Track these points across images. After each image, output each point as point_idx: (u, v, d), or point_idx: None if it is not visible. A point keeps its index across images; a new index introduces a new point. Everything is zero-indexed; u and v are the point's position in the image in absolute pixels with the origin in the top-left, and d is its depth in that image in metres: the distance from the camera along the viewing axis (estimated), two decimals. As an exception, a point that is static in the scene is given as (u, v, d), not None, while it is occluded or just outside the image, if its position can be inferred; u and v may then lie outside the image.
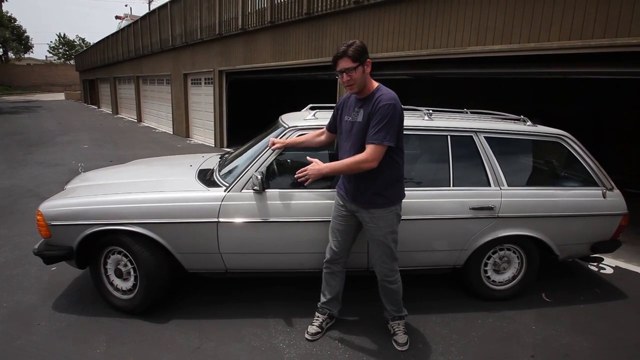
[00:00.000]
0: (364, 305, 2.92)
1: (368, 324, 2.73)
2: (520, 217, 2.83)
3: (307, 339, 2.55)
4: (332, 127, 2.53)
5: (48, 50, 57.14)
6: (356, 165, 2.20)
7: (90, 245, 2.68)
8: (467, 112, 3.46)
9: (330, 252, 2.52)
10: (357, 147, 2.26)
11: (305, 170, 2.28)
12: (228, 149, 9.58)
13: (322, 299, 2.63)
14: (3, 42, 45.12)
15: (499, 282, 3.04)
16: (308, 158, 2.35)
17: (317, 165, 2.28)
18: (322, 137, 2.62)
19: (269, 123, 3.43)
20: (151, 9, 14.80)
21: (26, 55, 52.68)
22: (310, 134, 2.68)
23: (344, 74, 2.18)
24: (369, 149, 2.17)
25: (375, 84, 2.28)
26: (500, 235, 2.83)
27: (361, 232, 2.53)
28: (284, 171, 2.92)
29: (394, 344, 2.52)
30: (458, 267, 2.93)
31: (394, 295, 2.50)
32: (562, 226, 2.92)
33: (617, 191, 3.04)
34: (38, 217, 2.65)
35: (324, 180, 2.78)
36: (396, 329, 2.56)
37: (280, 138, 2.72)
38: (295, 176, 2.32)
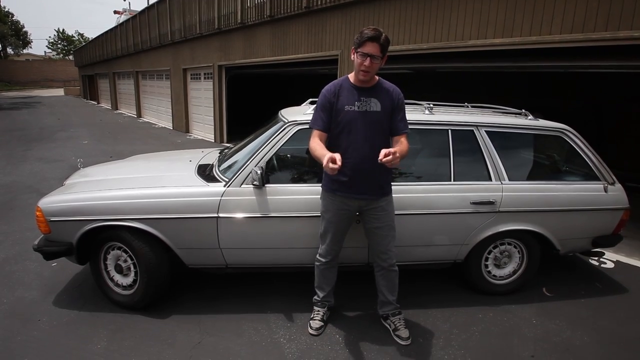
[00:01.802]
0: (364, 300, 2.92)
1: (368, 319, 2.73)
2: (521, 212, 2.82)
3: (311, 334, 2.55)
4: (327, 124, 2.29)
5: (47, 46, 57.03)
6: (407, 153, 2.28)
7: (90, 241, 2.68)
8: (468, 106, 3.44)
9: (332, 253, 2.51)
10: (379, 137, 2.28)
11: (395, 154, 2.00)
12: (228, 144, 9.56)
13: (321, 294, 2.63)
14: (1, 37, 44.98)
15: (500, 277, 3.04)
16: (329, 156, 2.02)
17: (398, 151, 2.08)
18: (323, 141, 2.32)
19: (268, 118, 3.42)
20: (150, 4, 14.71)
21: (25, 51, 52.58)
22: (321, 144, 2.25)
23: (369, 58, 2.15)
24: (405, 137, 2.31)
25: (376, 76, 2.33)
26: (501, 229, 2.82)
27: (356, 229, 2.53)
28: (283, 166, 2.91)
29: (396, 338, 2.52)
30: (459, 261, 2.93)
31: (396, 279, 2.53)
32: (563, 221, 2.91)
33: (618, 185, 3.03)
34: (37, 213, 2.64)
35: (320, 176, 2.78)
36: (397, 324, 2.56)
37: (280, 133, 2.70)
38: (384, 159, 1.97)
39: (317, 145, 2.22)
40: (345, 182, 2.30)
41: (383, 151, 1.98)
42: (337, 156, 1.98)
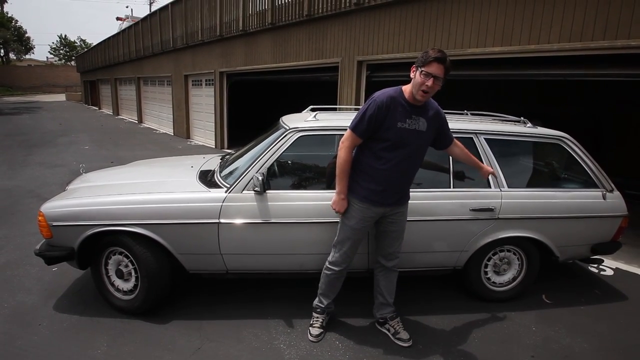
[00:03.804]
0: (363, 306, 2.91)
1: (367, 325, 2.74)
2: (520, 219, 2.84)
3: (311, 340, 2.56)
4: (367, 134, 2.26)
5: (49, 52, 57.34)
6: None
7: (91, 246, 2.69)
8: (467, 114, 3.47)
9: (347, 261, 2.50)
10: (420, 155, 2.39)
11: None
12: (229, 150, 9.59)
13: (325, 301, 2.63)
14: (4, 43, 45.23)
15: (499, 284, 3.04)
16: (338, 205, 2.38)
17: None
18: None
19: (269, 124, 3.44)
20: (152, 11, 14.84)
21: (27, 56, 52.83)
22: (350, 155, 2.31)
23: (432, 79, 2.12)
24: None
25: None
26: (500, 236, 2.83)
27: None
28: (285, 172, 2.93)
29: (397, 342, 2.53)
30: (458, 268, 2.94)
31: (395, 281, 2.60)
32: (562, 228, 2.92)
33: (617, 193, 3.05)
34: (40, 218, 2.66)
35: (321, 182, 2.80)
36: (397, 327, 2.57)
37: (281, 140, 2.73)
38: (334, 208, 2.41)
39: (346, 171, 2.32)
40: (378, 192, 2.32)
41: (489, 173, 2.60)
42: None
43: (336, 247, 2.49)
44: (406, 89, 2.28)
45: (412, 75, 2.24)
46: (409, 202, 2.56)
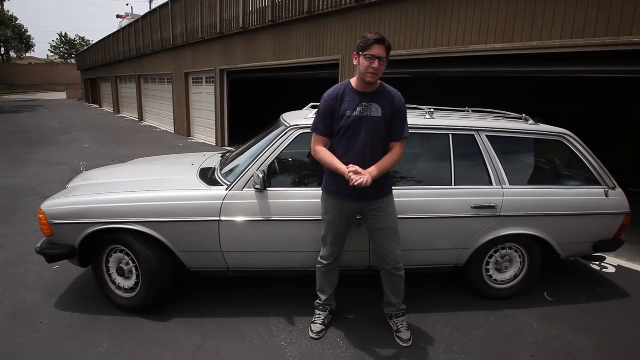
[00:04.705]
0: (365, 303, 2.92)
1: (369, 322, 2.74)
2: (522, 216, 2.83)
3: (312, 337, 2.56)
4: (329, 129, 2.33)
5: (49, 50, 57.27)
6: (397, 162, 2.34)
7: (92, 244, 2.69)
8: (468, 111, 3.46)
9: (334, 256, 2.52)
10: (378, 142, 2.31)
11: (362, 176, 2.16)
12: (229, 148, 9.58)
13: (323, 297, 2.64)
14: (4, 41, 45.22)
15: (501, 281, 3.04)
16: (352, 167, 2.20)
17: (367, 173, 2.19)
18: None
19: (270, 122, 3.43)
20: (152, 8, 14.81)
21: (28, 55, 52.85)
22: (332, 155, 2.32)
23: (377, 60, 2.17)
24: (401, 144, 2.34)
25: (379, 80, 2.33)
26: (502, 234, 2.82)
27: (357, 232, 2.54)
28: (285, 170, 2.92)
29: (397, 340, 2.53)
30: (460, 266, 2.93)
31: (402, 283, 2.54)
32: (564, 225, 2.91)
33: (619, 190, 3.03)
34: (40, 216, 2.66)
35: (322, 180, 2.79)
36: (400, 326, 2.57)
37: (282, 137, 2.72)
38: (355, 183, 2.14)
39: (330, 158, 2.29)
40: (344, 185, 2.28)
41: (352, 173, 2.17)
42: (358, 168, 2.18)
43: (322, 242, 2.54)
44: (353, 79, 2.34)
45: (355, 62, 2.28)
46: (410, 199, 2.56)
